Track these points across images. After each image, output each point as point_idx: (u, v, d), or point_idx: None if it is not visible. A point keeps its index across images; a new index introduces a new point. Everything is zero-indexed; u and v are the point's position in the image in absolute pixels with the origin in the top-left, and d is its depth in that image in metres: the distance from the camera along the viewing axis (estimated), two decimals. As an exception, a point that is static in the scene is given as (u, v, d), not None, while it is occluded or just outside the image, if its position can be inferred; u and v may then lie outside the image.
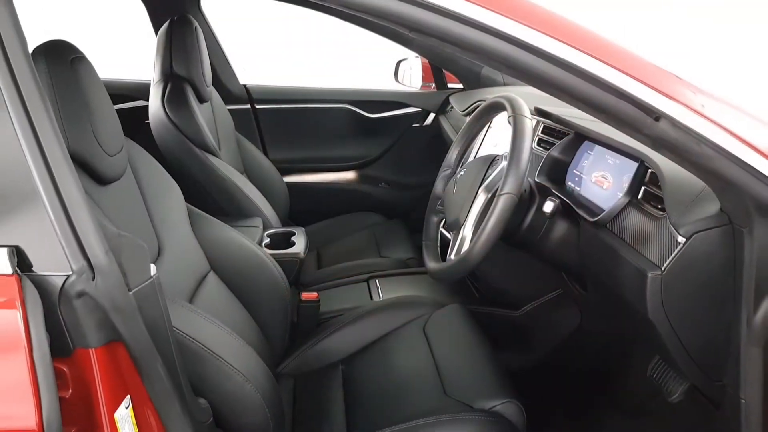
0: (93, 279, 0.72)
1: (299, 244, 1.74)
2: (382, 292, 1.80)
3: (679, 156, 0.85)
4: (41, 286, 0.71)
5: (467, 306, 1.55)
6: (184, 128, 1.78)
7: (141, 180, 1.26)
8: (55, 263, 0.72)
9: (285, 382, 1.43)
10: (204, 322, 1.06)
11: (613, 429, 1.54)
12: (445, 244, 1.48)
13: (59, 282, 0.71)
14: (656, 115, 0.81)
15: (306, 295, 1.59)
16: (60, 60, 1.00)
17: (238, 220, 1.75)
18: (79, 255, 0.72)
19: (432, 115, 2.56)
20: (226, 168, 1.86)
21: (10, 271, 0.69)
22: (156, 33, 2.05)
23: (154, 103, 1.83)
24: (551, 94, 0.86)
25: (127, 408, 0.79)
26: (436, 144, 2.40)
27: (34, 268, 0.72)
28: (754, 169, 0.82)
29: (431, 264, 1.34)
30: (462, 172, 1.33)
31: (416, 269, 1.93)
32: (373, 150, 2.61)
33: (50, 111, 0.73)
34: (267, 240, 1.75)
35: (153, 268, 0.85)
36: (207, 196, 1.81)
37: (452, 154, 1.49)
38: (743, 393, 0.94)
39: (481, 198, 1.20)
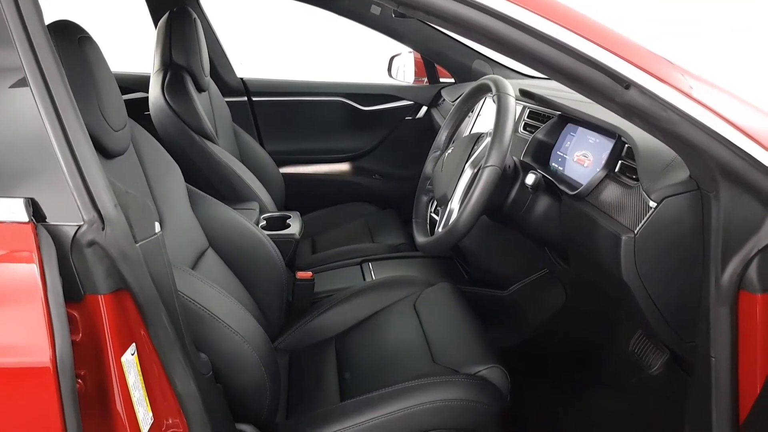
0: (103, 229, 0.77)
1: (294, 226, 1.79)
2: (375, 274, 1.86)
3: (648, 123, 0.91)
4: (55, 234, 0.76)
5: (457, 286, 1.61)
6: (184, 115, 1.84)
7: (143, 157, 1.31)
8: (67, 214, 0.77)
9: (281, 356, 1.48)
10: (204, 286, 1.12)
11: (595, 402, 1.60)
12: (434, 225, 1.54)
13: (71, 231, 0.77)
14: (626, 84, 0.87)
15: (301, 274, 1.65)
16: (68, 38, 1.06)
17: (235, 204, 1.81)
18: (90, 207, 0.77)
19: (424, 108, 2.63)
20: (223, 154, 1.92)
21: (26, 219, 0.75)
22: (155, 25, 2.11)
23: (154, 90, 1.89)
24: (528, 66, 0.93)
25: (133, 354, 0.84)
26: (428, 137, 2.44)
27: (48, 219, 0.77)
28: (717, 133, 0.88)
29: (420, 239, 1.40)
30: (449, 150, 1.39)
31: (408, 253, 1.99)
32: (367, 142, 2.68)
33: (63, 74, 0.79)
34: (263, 222, 1.81)
35: (157, 226, 0.90)
36: (205, 181, 1.87)
37: (441, 136, 1.55)
38: (713, 351, 1.00)
39: (468, 173, 1.27)
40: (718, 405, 1.01)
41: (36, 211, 0.76)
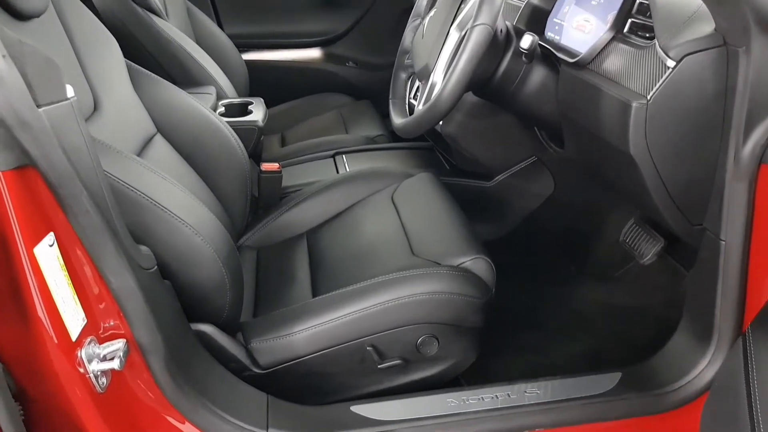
0: None
1: (257, 112, 1.60)
2: (349, 166, 1.72)
3: None
4: None
5: (439, 177, 1.48)
6: (123, -17, 1.58)
7: (68, 25, 1.10)
8: None
9: (247, 254, 1.36)
10: (146, 171, 0.96)
11: (582, 293, 1.54)
12: (413, 109, 1.38)
13: None
14: None
15: (266, 166, 1.49)
16: None
17: (187, 88, 1.60)
18: None
19: None
20: (173, 31, 1.68)
21: None
22: None
23: (85, -45, 1.61)
24: None
25: (51, 246, 0.69)
26: (408, 18, 2.22)
27: None
28: None
29: (398, 120, 1.24)
30: (432, 13, 1.19)
31: (386, 145, 1.84)
32: (340, 24, 2.43)
33: None
34: (222, 109, 1.61)
35: (70, 90, 0.73)
36: (153, 62, 1.64)
37: (422, 0, 1.34)
38: (724, 234, 0.90)
39: (454, 37, 1.08)
40: (724, 294, 0.92)
41: None
